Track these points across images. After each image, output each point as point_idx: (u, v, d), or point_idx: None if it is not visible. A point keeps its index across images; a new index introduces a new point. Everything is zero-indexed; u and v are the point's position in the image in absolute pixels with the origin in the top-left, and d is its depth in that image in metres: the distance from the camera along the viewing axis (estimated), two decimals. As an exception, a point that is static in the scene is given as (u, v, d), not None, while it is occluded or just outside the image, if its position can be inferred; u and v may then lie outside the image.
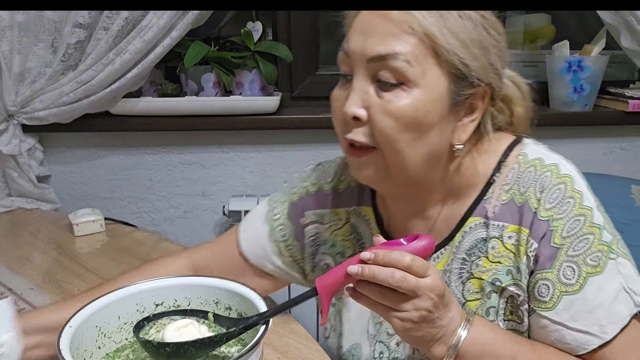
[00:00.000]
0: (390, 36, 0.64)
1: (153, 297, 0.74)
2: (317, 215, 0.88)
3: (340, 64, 0.70)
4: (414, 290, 0.61)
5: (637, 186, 1.09)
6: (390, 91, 0.65)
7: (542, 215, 0.68)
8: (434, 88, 0.65)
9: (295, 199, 0.89)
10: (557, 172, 0.70)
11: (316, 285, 0.64)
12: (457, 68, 0.65)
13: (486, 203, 0.73)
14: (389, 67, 0.64)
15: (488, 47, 0.67)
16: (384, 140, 0.66)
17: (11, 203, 1.49)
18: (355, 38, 0.67)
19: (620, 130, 1.69)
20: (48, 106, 1.40)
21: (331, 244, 0.86)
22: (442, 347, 0.65)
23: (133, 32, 1.34)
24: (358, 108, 0.66)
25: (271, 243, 0.89)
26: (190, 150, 1.60)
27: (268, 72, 1.46)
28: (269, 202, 0.92)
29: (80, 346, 0.65)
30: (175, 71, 1.52)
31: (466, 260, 0.74)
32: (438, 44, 0.63)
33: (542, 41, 1.82)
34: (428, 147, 0.68)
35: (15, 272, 1.10)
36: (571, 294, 0.66)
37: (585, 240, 0.67)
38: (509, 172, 0.73)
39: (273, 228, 0.89)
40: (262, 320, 0.64)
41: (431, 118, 0.66)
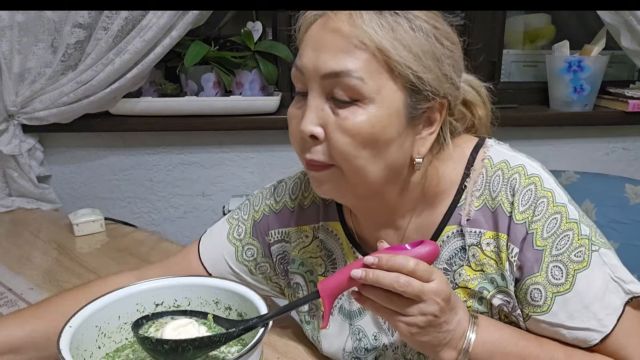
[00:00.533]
0: (341, 52, 0.62)
1: (153, 297, 0.74)
2: (281, 233, 0.85)
3: (295, 80, 0.70)
4: (419, 294, 0.60)
5: (631, 185, 1.09)
6: (346, 108, 0.64)
7: (517, 219, 0.68)
8: (389, 103, 0.64)
9: (258, 217, 0.86)
10: (525, 173, 0.69)
11: (318, 289, 0.64)
12: (412, 82, 0.64)
13: (460, 210, 0.72)
14: (342, 84, 0.63)
15: (441, 58, 0.66)
16: (342, 158, 0.65)
17: (11, 203, 1.49)
18: (307, 54, 0.66)
19: (621, 130, 1.69)
20: (48, 106, 1.40)
21: (300, 263, 0.84)
22: (452, 352, 0.65)
23: (133, 32, 1.34)
24: (314, 126, 0.65)
25: (240, 265, 0.86)
26: (190, 151, 1.60)
27: (268, 72, 1.46)
28: (229, 220, 0.88)
29: (80, 346, 0.65)
30: (175, 71, 1.52)
31: (448, 270, 0.73)
32: (391, 58, 0.62)
33: (542, 41, 1.82)
34: (387, 162, 0.66)
35: (15, 272, 1.10)
36: (563, 294, 0.66)
37: (566, 237, 0.66)
38: (478, 177, 0.72)
39: (238, 248, 0.86)
40: (262, 322, 0.64)
41: (389, 133, 0.64)
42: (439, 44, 0.65)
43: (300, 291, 0.85)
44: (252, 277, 0.88)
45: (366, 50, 0.62)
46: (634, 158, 1.73)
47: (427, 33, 0.64)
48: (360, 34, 0.62)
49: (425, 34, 0.64)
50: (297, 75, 0.68)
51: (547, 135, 1.67)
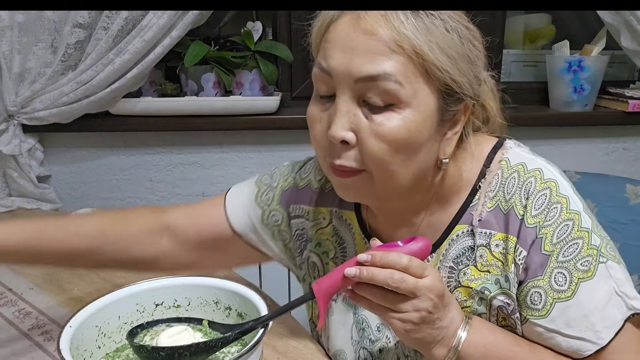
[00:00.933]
0: (378, 55, 0.60)
1: (153, 297, 0.74)
2: (302, 210, 0.86)
3: (317, 82, 0.67)
4: (413, 290, 0.60)
5: (631, 185, 1.09)
6: (380, 113, 0.62)
7: (529, 223, 0.67)
8: (424, 107, 0.63)
9: (285, 186, 0.87)
10: (542, 177, 0.69)
11: (313, 289, 0.64)
12: (447, 85, 0.63)
13: (472, 210, 0.72)
14: (378, 88, 0.61)
15: (474, 60, 0.65)
16: (375, 164, 0.64)
17: (11, 203, 1.49)
18: (336, 56, 0.63)
19: (621, 130, 1.69)
20: (48, 106, 1.40)
21: (317, 243, 0.85)
22: (443, 349, 0.65)
23: (133, 32, 1.34)
24: (346, 132, 0.63)
25: (265, 227, 0.87)
26: (190, 150, 1.60)
27: (268, 72, 1.46)
28: (258, 184, 0.89)
29: (80, 346, 0.65)
30: (175, 71, 1.52)
31: (454, 269, 0.73)
32: (428, 62, 0.61)
33: (542, 41, 1.82)
34: (417, 166, 0.66)
35: (15, 272, 1.10)
36: (564, 301, 0.65)
37: (575, 245, 0.66)
38: (493, 177, 0.71)
39: (265, 212, 0.87)
40: (258, 325, 0.64)
41: (422, 137, 0.64)
42: (472, 45, 0.65)
43: (317, 272, 0.85)
44: (274, 242, 0.88)
45: (403, 53, 0.60)
46: (634, 158, 1.73)
47: (460, 34, 0.63)
48: (398, 36, 0.60)
49: (459, 36, 0.63)
50: (322, 77, 0.65)
51: (547, 135, 1.67)
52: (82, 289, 1.03)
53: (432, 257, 0.75)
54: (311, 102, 0.70)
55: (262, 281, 1.59)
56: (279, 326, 0.87)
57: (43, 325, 0.90)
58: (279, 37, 1.60)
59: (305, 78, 1.63)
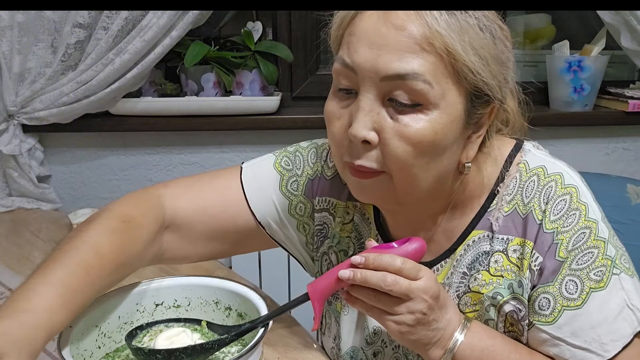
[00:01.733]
0: (408, 52, 0.57)
1: (153, 297, 0.74)
2: (328, 203, 0.81)
3: (338, 76, 0.63)
4: (407, 293, 0.60)
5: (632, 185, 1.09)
6: (406, 113, 0.59)
7: (547, 228, 0.66)
8: (452, 109, 0.60)
9: (312, 176, 0.81)
10: (562, 182, 0.67)
11: (308, 291, 0.64)
12: (477, 87, 0.60)
13: (490, 216, 0.70)
14: (406, 87, 0.58)
15: (506, 62, 0.63)
16: (397, 166, 0.61)
17: (12, 203, 1.49)
18: (362, 51, 0.59)
19: (621, 130, 1.69)
20: (48, 106, 1.40)
21: (338, 240, 0.81)
22: (438, 351, 0.64)
23: (133, 32, 1.34)
24: (368, 131, 0.60)
25: (291, 218, 0.82)
26: (190, 150, 1.60)
27: (268, 72, 1.46)
28: (279, 169, 0.82)
29: (80, 346, 0.65)
30: (175, 71, 1.52)
31: (466, 274, 0.71)
32: (459, 62, 0.57)
33: (542, 41, 1.82)
34: (439, 169, 0.64)
35: (15, 272, 1.10)
36: (573, 309, 0.64)
37: (590, 254, 0.64)
38: (511, 181, 0.69)
39: (292, 202, 0.81)
40: (255, 327, 0.64)
41: (447, 140, 0.61)
42: (504, 45, 0.62)
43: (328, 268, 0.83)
44: (297, 234, 0.84)
45: (434, 51, 0.57)
46: (635, 158, 1.73)
47: (494, 34, 0.61)
48: (430, 33, 0.56)
49: (492, 36, 0.60)
50: (345, 72, 0.62)
51: (547, 135, 1.66)
52: (82, 289, 1.03)
53: (446, 262, 0.73)
54: (329, 97, 0.66)
55: (262, 281, 1.59)
56: (279, 326, 0.87)
57: (43, 325, 0.90)
58: (279, 37, 1.60)
59: (305, 78, 1.63)
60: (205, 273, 0.80)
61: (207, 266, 1.11)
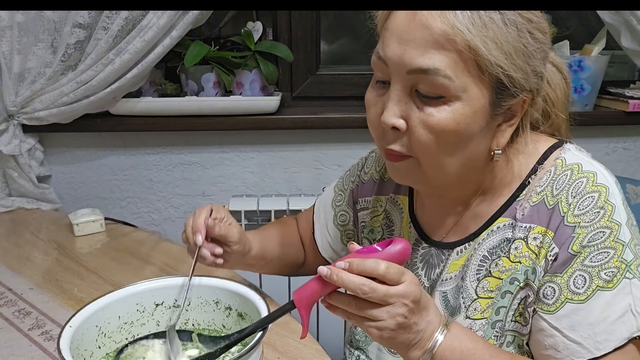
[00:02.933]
0: (431, 48, 0.61)
1: (153, 297, 0.74)
2: (366, 202, 0.92)
3: (375, 68, 0.69)
4: (385, 299, 0.60)
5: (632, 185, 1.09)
6: (431, 104, 0.63)
7: (568, 221, 0.67)
8: (475, 101, 0.63)
9: (353, 186, 0.95)
10: (594, 180, 0.68)
11: (294, 298, 0.64)
12: (500, 80, 0.63)
13: (517, 205, 0.72)
14: (428, 80, 0.62)
15: (533, 54, 0.64)
16: (422, 152, 0.66)
17: (11, 203, 1.49)
18: (392, 45, 0.64)
19: (621, 130, 1.69)
20: (48, 106, 1.40)
21: (370, 229, 0.91)
22: (417, 352, 0.64)
23: (133, 32, 1.34)
24: (397, 119, 0.65)
25: (335, 229, 0.96)
26: (190, 150, 1.60)
27: (268, 72, 1.46)
28: (335, 189, 0.99)
29: (80, 346, 0.65)
30: (175, 71, 1.52)
31: (487, 258, 0.73)
32: (481, 57, 0.61)
33: (542, 41, 1.82)
34: (466, 156, 0.67)
35: (15, 272, 1.10)
36: (575, 303, 0.65)
37: (605, 253, 0.65)
38: (544, 174, 0.71)
39: (336, 214, 0.97)
40: (242, 338, 0.65)
41: (471, 130, 0.65)
42: (532, 38, 0.64)
43: None
44: (340, 245, 0.97)
45: (455, 47, 0.60)
46: (634, 158, 1.73)
47: (519, 27, 0.62)
48: (451, 30, 0.60)
49: (517, 29, 0.62)
50: (379, 64, 0.67)
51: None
52: (82, 289, 1.03)
53: (470, 244, 0.76)
54: (369, 87, 0.72)
55: (262, 281, 1.59)
56: (279, 326, 0.87)
57: (43, 325, 0.90)
58: (279, 37, 1.60)
59: (305, 78, 1.63)
60: (205, 273, 0.80)
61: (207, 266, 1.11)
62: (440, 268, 0.79)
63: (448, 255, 0.78)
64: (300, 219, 1.05)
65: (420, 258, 0.82)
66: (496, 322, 0.72)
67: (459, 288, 0.75)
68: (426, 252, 0.81)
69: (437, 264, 0.79)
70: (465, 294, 0.74)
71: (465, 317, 0.74)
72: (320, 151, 1.61)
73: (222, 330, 0.76)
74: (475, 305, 0.73)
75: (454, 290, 0.76)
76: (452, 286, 0.77)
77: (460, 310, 0.74)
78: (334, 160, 1.62)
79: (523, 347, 0.72)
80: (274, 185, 1.64)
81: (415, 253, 0.82)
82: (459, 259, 0.77)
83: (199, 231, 0.79)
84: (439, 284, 0.78)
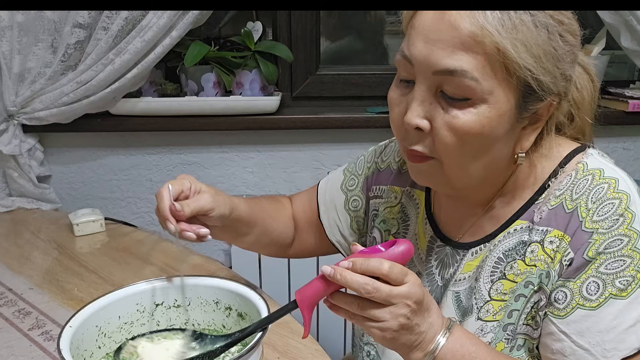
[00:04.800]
0: (458, 49, 0.59)
1: (153, 297, 0.74)
2: (379, 190, 0.91)
3: (399, 67, 0.67)
4: (388, 299, 0.60)
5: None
6: (456, 106, 0.62)
7: (586, 227, 0.66)
8: (501, 104, 0.62)
9: (369, 173, 0.93)
10: (616, 186, 0.67)
11: (296, 298, 0.63)
12: (528, 84, 0.62)
13: (535, 208, 0.71)
14: (454, 82, 0.61)
15: (562, 57, 0.63)
16: (445, 154, 0.65)
17: (11, 203, 1.49)
18: (418, 44, 0.63)
19: (621, 130, 1.69)
20: (48, 106, 1.40)
21: (382, 220, 0.89)
22: (419, 353, 0.64)
23: (133, 32, 1.34)
24: (421, 119, 0.64)
25: (345, 213, 0.94)
26: (190, 151, 1.60)
27: (268, 72, 1.46)
28: (345, 172, 0.96)
29: (80, 346, 0.65)
30: (175, 71, 1.52)
31: (502, 260, 0.72)
32: (510, 60, 0.59)
33: (542, 41, 1.82)
34: (489, 159, 0.66)
35: (15, 272, 1.10)
36: (586, 309, 0.64)
37: (621, 262, 0.63)
38: (565, 177, 0.70)
39: (347, 198, 0.94)
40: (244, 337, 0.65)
41: (496, 133, 0.63)
42: (562, 41, 0.62)
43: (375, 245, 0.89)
44: (349, 230, 0.95)
45: (484, 49, 0.59)
46: (634, 158, 1.73)
47: (550, 30, 0.61)
48: (480, 31, 0.58)
49: (548, 31, 0.61)
50: (403, 63, 0.66)
51: (547, 135, 1.67)
52: (82, 289, 1.03)
53: (485, 245, 0.75)
54: (392, 86, 0.70)
55: (262, 281, 1.59)
56: (279, 326, 0.87)
57: (43, 325, 0.90)
58: (279, 37, 1.60)
59: (305, 78, 1.63)
60: (205, 273, 0.80)
61: (207, 266, 1.11)
62: (454, 268, 0.78)
63: (463, 255, 0.77)
64: (296, 200, 1.01)
65: (435, 256, 0.81)
66: (508, 325, 0.71)
67: (472, 289, 0.75)
68: (441, 250, 0.80)
69: (451, 263, 0.79)
70: (478, 295, 0.73)
71: (477, 318, 0.73)
72: (320, 151, 1.62)
73: (222, 330, 0.76)
74: (488, 307, 0.72)
75: (467, 290, 0.75)
76: (465, 287, 0.76)
77: (472, 311, 0.74)
78: (334, 160, 1.62)
79: (533, 351, 0.71)
80: (273, 185, 1.64)
81: (430, 251, 0.82)
82: (473, 260, 0.76)
83: (167, 218, 0.73)
84: (452, 284, 0.77)
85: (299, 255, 1.03)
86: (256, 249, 0.97)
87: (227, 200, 0.81)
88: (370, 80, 1.64)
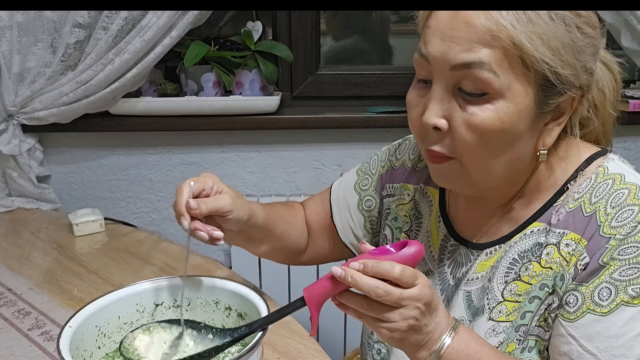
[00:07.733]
0: (476, 43, 0.60)
1: (153, 297, 0.74)
2: (393, 188, 0.90)
3: (417, 66, 0.67)
4: (398, 302, 0.60)
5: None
6: (474, 103, 0.62)
7: (604, 231, 0.65)
8: (520, 99, 0.61)
9: (383, 172, 0.92)
10: (636, 193, 0.66)
11: (304, 296, 0.63)
12: (546, 77, 0.61)
13: (554, 210, 0.71)
14: (473, 76, 0.60)
15: (582, 49, 0.62)
16: (466, 153, 0.65)
17: (11, 203, 1.49)
18: (434, 43, 0.63)
19: (621, 130, 1.68)
20: (48, 106, 1.40)
21: (394, 217, 0.89)
22: (424, 352, 0.64)
23: (133, 32, 1.34)
24: (439, 119, 0.64)
25: (358, 213, 0.93)
26: (190, 150, 1.60)
27: (268, 72, 1.46)
28: (358, 172, 0.95)
29: (80, 346, 0.65)
30: (175, 71, 1.52)
31: (517, 261, 0.72)
32: (526, 53, 0.59)
33: (542, 41, 1.82)
34: (513, 156, 0.66)
35: (15, 272, 1.10)
36: (597, 314, 0.64)
37: (636, 269, 0.63)
38: (584, 180, 0.70)
39: (361, 198, 0.93)
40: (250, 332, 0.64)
41: (517, 130, 0.63)
42: (581, 33, 0.62)
43: (385, 243, 0.89)
44: (363, 231, 0.94)
45: (500, 44, 0.59)
46: (635, 158, 1.73)
47: (567, 22, 0.61)
48: (495, 26, 0.58)
49: (565, 24, 0.60)
50: (421, 62, 0.66)
51: (547, 135, 1.67)
52: (82, 289, 1.03)
53: (501, 246, 0.74)
54: (410, 88, 0.70)
55: (262, 281, 1.59)
56: (279, 326, 0.87)
57: (43, 325, 0.90)
58: (279, 37, 1.60)
59: (305, 78, 1.63)
60: (205, 273, 0.80)
61: (207, 266, 1.11)
62: (467, 267, 0.77)
63: (477, 255, 0.77)
64: (309, 205, 1.00)
65: (448, 255, 0.81)
66: (520, 326, 0.71)
67: (484, 289, 0.74)
68: (454, 249, 0.80)
69: (464, 262, 0.78)
70: (491, 296, 0.73)
71: (489, 318, 0.73)
72: (320, 151, 1.61)
73: (222, 330, 0.76)
74: (501, 308, 0.72)
75: (479, 290, 0.75)
76: (477, 286, 0.75)
77: (483, 311, 0.73)
78: (334, 160, 1.62)
79: (543, 353, 0.71)
80: (273, 185, 1.64)
81: (443, 250, 0.81)
82: (487, 260, 0.75)
83: (182, 214, 0.72)
84: (464, 283, 0.77)
85: (312, 261, 1.01)
86: (269, 256, 0.95)
87: (246, 206, 0.80)
88: (370, 80, 1.64)
